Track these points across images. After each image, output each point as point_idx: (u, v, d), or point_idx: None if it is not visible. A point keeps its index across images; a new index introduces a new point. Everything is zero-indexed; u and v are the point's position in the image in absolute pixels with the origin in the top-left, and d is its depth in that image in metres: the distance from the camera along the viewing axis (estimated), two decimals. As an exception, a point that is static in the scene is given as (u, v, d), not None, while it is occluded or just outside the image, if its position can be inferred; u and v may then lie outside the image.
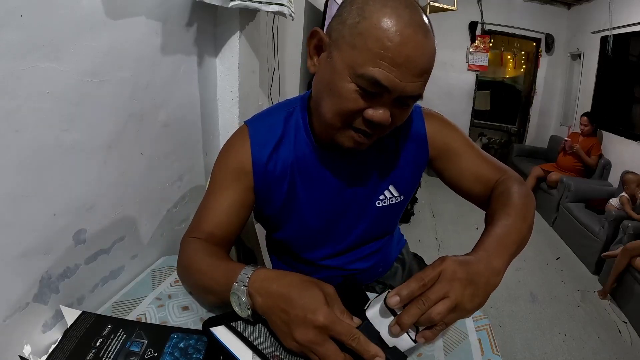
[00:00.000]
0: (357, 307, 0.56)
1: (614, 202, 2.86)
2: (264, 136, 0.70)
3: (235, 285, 0.54)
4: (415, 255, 1.04)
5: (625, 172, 2.93)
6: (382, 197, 0.75)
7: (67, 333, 0.57)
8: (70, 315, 0.60)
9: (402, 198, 0.77)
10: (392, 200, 0.76)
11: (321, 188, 0.72)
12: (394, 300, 0.47)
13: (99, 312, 0.64)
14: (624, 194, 2.80)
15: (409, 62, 0.51)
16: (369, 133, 0.58)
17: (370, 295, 0.66)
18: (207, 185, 0.74)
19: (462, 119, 5.23)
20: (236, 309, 0.55)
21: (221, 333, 0.55)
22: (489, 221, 0.63)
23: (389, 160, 0.74)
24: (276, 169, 0.70)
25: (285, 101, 0.76)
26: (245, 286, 0.53)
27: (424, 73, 0.54)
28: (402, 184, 0.76)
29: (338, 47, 0.55)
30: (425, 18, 0.54)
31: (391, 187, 0.75)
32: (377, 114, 0.55)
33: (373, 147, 0.67)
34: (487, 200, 0.73)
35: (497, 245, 0.54)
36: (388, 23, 0.50)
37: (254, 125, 0.72)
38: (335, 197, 0.73)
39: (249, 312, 0.54)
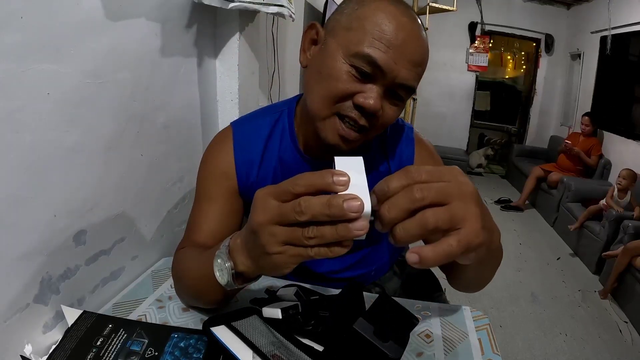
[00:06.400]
0: (356, 313, 0.57)
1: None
2: (248, 139, 0.70)
3: (218, 251, 0.48)
4: None
5: (624, 169, 2.93)
6: None
7: (68, 332, 0.57)
8: (71, 315, 0.60)
9: None
10: None
11: None
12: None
13: (99, 312, 0.64)
14: (615, 184, 2.90)
15: (405, 45, 0.51)
16: (356, 123, 0.55)
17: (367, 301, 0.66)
18: (195, 193, 0.73)
19: (462, 120, 5.24)
20: (217, 274, 0.48)
21: (221, 333, 0.55)
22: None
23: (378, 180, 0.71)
24: (260, 172, 0.69)
25: (272, 105, 0.76)
26: (226, 246, 0.47)
27: (419, 64, 0.54)
28: None
29: (334, 34, 0.55)
30: (418, 18, 0.56)
31: None
32: (368, 99, 0.52)
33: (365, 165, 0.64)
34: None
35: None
36: (386, 10, 0.52)
37: (239, 129, 0.72)
38: None
39: (229, 275, 0.47)
